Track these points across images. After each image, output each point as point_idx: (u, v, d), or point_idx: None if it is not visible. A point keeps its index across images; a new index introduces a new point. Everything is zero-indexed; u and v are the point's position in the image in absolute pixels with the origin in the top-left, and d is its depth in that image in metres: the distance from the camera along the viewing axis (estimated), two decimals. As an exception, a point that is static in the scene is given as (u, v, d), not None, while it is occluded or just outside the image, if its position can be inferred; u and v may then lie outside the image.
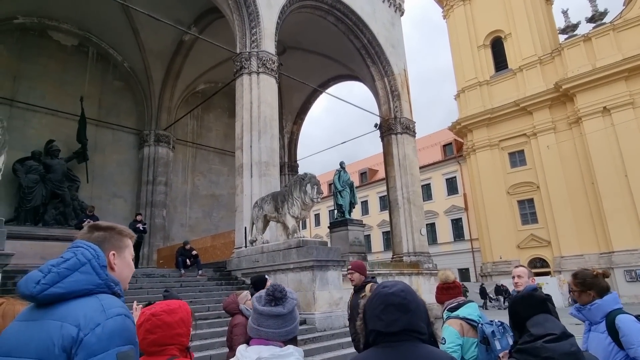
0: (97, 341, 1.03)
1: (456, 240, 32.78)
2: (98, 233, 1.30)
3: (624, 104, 23.76)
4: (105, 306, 1.11)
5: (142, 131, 18.22)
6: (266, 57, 12.31)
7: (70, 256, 1.17)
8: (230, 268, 10.19)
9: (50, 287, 1.10)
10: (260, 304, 1.47)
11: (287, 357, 1.33)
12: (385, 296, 1.33)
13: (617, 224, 23.12)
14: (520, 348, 1.52)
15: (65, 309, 1.09)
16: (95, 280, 1.15)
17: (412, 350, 1.27)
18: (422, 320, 1.34)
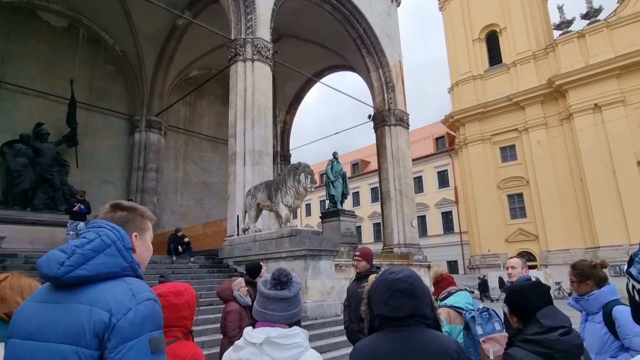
0: (129, 326, 1.01)
1: (446, 232, 33.14)
2: (121, 213, 1.25)
3: (614, 102, 24.04)
4: (135, 290, 1.08)
5: (134, 116, 17.96)
6: (261, 45, 12.16)
7: (94, 237, 1.12)
8: (222, 256, 10.17)
9: (76, 269, 1.05)
10: (266, 287, 1.49)
11: (294, 337, 1.36)
12: (392, 282, 1.35)
13: (603, 220, 23.57)
14: (529, 339, 1.54)
15: (93, 293, 1.05)
16: (121, 263, 1.12)
17: (419, 335, 1.30)
18: (427, 305, 1.36)
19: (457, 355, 1.27)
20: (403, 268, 1.43)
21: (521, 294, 1.71)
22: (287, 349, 1.35)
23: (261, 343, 1.35)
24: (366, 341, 1.35)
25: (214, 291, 6.65)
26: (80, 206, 10.24)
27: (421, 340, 1.28)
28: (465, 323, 2.40)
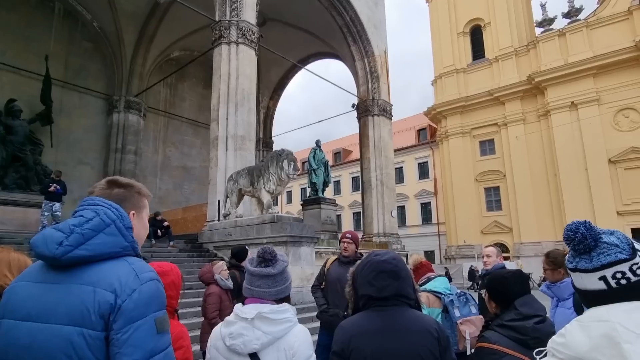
0: (134, 307, 1.00)
1: (424, 223, 33.78)
2: (118, 190, 1.21)
3: (590, 100, 24.79)
4: (138, 270, 1.06)
5: (112, 96, 17.43)
6: (246, 28, 11.94)
7: (92, 215, 1.08)
8: (202, 240, 10.11)
9: (75, 249, 1.02)
10: (252, 265, 1.54)
11: (284, 313, 1.42)
12: (377, 263, 1.40)
13: (574, 214, 24.44)
14: (506, 324, 1.62)
15: (95, 273, 1.03)
16: (122, 243, 1.09)
17: (402, 314, 1.36)
18: (410, 286, 1.42)
19: (437, 334, 1.35)
20: (387, 251, 1.48)
21: (503, 281, 1.78)
22: (277, 323, 1.40)
23: (253, 318, 1.39)
24: (351, 319, 1.41)
25: (193, 275, 6.64)
26: (56, 187, 9.95)
27: (404, 319, 1.35)
28: (444, 306, 2.51)
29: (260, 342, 1.36)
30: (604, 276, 0.90)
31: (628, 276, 0.88)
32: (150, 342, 1.00)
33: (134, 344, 0.97)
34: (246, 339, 1.37)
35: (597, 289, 0.91)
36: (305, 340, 1.42)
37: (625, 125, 23.96)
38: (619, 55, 24.01)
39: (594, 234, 0.94)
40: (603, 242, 0.93)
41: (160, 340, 1.03)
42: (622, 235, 0.95)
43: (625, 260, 0.89)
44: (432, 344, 1.32)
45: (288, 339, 1.39)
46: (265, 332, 1.38)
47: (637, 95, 23.65)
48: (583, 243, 0.94)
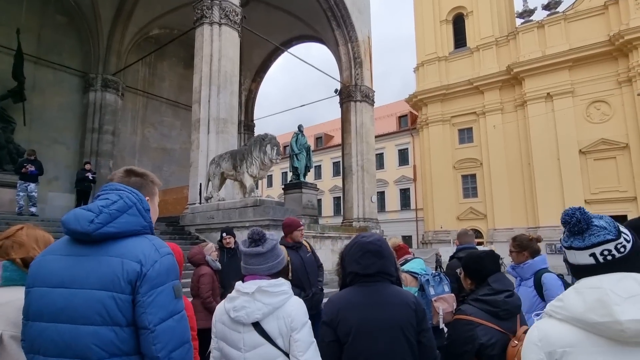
0: (157, 276, 1.19)
1: (403, 209, 34.46)
2: (135, 178, 1.41)
3: (565, 92, 25.56)
4: (157, 246, 1.25)
5: (88, 74, 16.87)
6: (229, 8, 11.72)
7: (117, 198, 1.26)
8: (184, 223, 10.11)
9: (104, 226, 1.19)
10: (244, 246, 1.70)
11: (281, 286, 1.61)
12: (363, 244, 1.57)
13: (545, 202, 25.50)
14: (480, 298, 1.83)
15: (121, 247, 1.20)
16: (142, 222, 1.28)
17: (384, 289, 1.55)
18: (392, 265, 1.59)
19: (414, 306, 1.54)
20: (373, 233, 1.66)
21: (479, 260, 1.99)
22: (275, 295, 1.57)
23: (253, 292, 1.56)
24: (340, 294, 1.58)
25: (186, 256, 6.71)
26: (30, 167, 9.70)
27: (386, 293, 1.53)
28: (420, 285, 2.71)
29: (261, 312, 1.54)
30: (594, 253, 1.08)
31: (613, 253, 1.06)
32: (170, 304, 1.20)
33: (158, 305, 1.17)
34: (249, 310, 1.54)
35: (587, 263, 1.09)
36: (300, 308, 1.60)
37: (597, 117, 24.89)
38: (593, 49, 24.74)
39: (587, 218, 1.12)
40: (594, 225, 1.11)
41: (177, 304, 1.23)
42: (610, 219, 1.14)
43: (611, 240, 1.07)
44: (410, 314, 1.51)
45: (286, 308, 1.56)
46: (266, 303, 1.55)
47: (609, 89, 24.54)
48: (577, 226, 1.11)
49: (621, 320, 0.94)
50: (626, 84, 23.84)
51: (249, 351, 1.53)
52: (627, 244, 1.07)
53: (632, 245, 1.07)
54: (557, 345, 1.04)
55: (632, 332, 0.93)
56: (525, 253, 2.82)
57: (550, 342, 1.05)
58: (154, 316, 1.15)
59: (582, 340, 1.01)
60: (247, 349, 1.54)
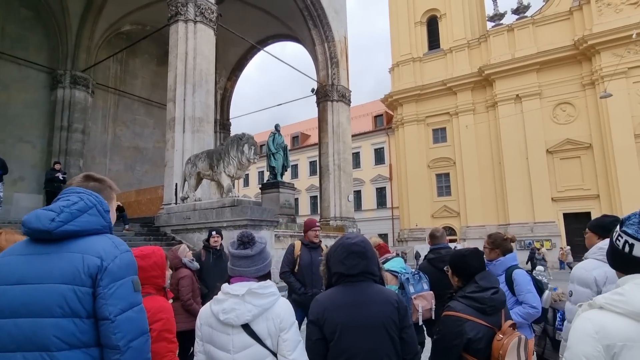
0: (117, 269, 1.26)
1: (379, 207, 34.90)
2: (94, 183, 1.47)
3: (533, 94, 26.55)
4: (116, 243, 1.33)
5: (56, 70, 16.24)
6: (205, 5, 11.56)
7: (77, 200, 1.32)
8: (159, 224, 9.92)
9: (65, 224, 1.25)
10: (233, 248, 1.72)
11: (270, 287, 1.64)
12: (348, 245, 1.63)
13: (514, 200, 26.42)
14: (468, 295, 1.93)
15: (81, 244, 1.27)
16: (102, 222, 1.35)
17: (368, 288, 1.61)
18: (375, 265, 1.65)
19: (396, 304, 1.61)
20: (357, 234, 1.72)
21: (463, 258, 2.08)
22: (265, 297, 1.60)
23: (243, 294, 1.58)
24: (325, 294, 1.63)
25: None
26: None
27: (369, 292, 1.59)
28: (401, 283, 2.80)
29: (251, 313, 1.56)
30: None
31: None
32: (130, 296, 1.27)
33: (118, 297, 1.24)
34: (239, 312, 1.57)
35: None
36: (289, 309, 1.64)
37: (562, 118, 25.98)
38: (559, 52, 25.80)
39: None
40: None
41: (137, 297, 1.31)
42: None
43: None
44: (392, 312, 1.58)
45: (275, 309, 1.60)
46: (255, 305, 1.58)
47: (573, 91, 25.65)
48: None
49: None
50: (590, 87, 24.99)
51: (238, 352, 1.55)
52: None
53: None
54: (617, 338, 1.01)
55: None
56: (498, 251, 2.96)
57: (609, 335, 1.02)
58: (114, 307, 1.21)
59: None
60: (236, 351, 1.55)
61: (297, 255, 4.11)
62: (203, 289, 4.21)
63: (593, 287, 2.26)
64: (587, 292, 2.26)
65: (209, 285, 4.32)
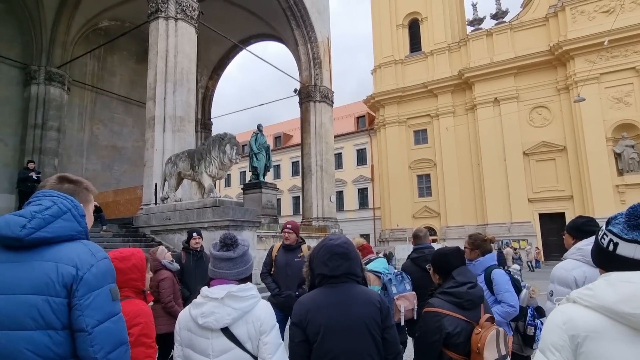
0: (94, 279, 1.20)
1: (361, 208, 35.10)
2: (68, 185, 1.39)
3: (510, 97, 27.21)
4: (93, 250, 1.26)
5: (30, 66, 15.70)
6: (186, 3, 11.39)
7: (51, 204, 1.24)
8: (138, 225, 9.71)
9: (37, 231, 1.18)
10: (215, 249, 1.69)
11: (250, 290, 1.62)
12: (331, 247, 1.63)
13: (492, 201, 27.01)
14: (446, 291, 1.97)
15: (55, 252, 1.19)
16: (77, 228, 1.27)
17: (351, 289, 1.62)
18: (358, 266, 1.66)
19: (379, 304, 1.62)
20: (340, 235, 1.72)
21: (445, 257, 2.13)
22: (245, 299, 1.58)
23: (223, 297, 1.56)
24: (308, 295, 1.63)
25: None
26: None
27: (352, 293, 1.60)
28: (383, 284, 2.82)
29: (231, 317, 1.54)
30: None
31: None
32: (107, 306, 1.22)
33: (95, 308, 1.18)
34: (218, 316, 1.54)
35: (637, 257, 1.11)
36: (269, 312, 1.63)
37: (538, 121, 26.73)
38: (536, 57, 26.54)
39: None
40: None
41: (115, 306, 1.25)
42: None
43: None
44: (375, 313, 1.59)
45: (255, 312, 1.58)
46: (235, 308, 1.56)
47: (549, 95, 26.43)
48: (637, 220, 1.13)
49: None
50: (564, 91, 25.79)
51: (218, 356, 1.53)
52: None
53: None
54: (581, 329, 1.08)
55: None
56: (478, 251, 3.04)
57: (574, 326, 1.09)
58: (91, 318, 1.16)
59: (607, 328, 1.06)
60: (215, 355, 1.53)
61: (274, 257, 4.10)
62: (185, 291, 4.14)
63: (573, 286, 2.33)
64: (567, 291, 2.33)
65: (190, 287, 4.25)
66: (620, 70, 24.01)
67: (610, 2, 24.47)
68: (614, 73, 24.12)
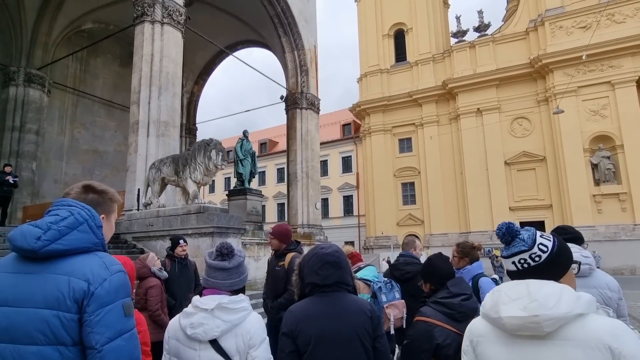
0: (106, 294, 1.16)
1: (346, 215, 35.15)
2: (93, 195, 1.38)
3: (492, 108, 27.82)
4: (107, 263, 1.22)
5: (8, 67, 15.30)
6: (173, 7, 11.31)
7: (67, 215, 1.22)
8: (120, 231, 9.48)
9: (52, 243, 1.16)
10: (210, 258, 1.66)
11: (241, 302, 1.58)
12: (322, 256, 1.61)
13: (475, 209, 27.43)
14: (439, 301, 1.96)
15: (69, 265, 1.17)
16: (93, 240, 1.24)
17: (342, 298, 1.60)
18: (349, 275, 1.65)
19: (370, 313, 1.61)
20: (331, 244, 1.71)
21: (429, 262, 2.15)
22: (235, 312, 1.54)
23: (213, 308, 1.52)
24: (299, 305, 1.61)
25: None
26: None
27: (343, 302, 1.59)
28: (373, 292, 2.82)
29: (220, 329, 1.50)
30: (514, 261, 1.25)
31: (528, 262, 1.22)
32: (119, 323, 1.17)
33: (105, 324, 1.14)
34: (207, 328, 1.50)
35: (511, 269, 1.27)
36: (259, 325, 1.59)
37: (519, 132, 27.37)
38: (516, 70, 27.26)
39: (512, 231, 1.27)
40: (518, 237, 1.26)
41: (127, 323, 1.21)
42: (532, 232, 1.27)
43: (525, 251, 1.23)
44: (366, 322, 1.58)
45: (245, 325, 1.55)
46: (225, 320, 1.52)
47: (529, 107, 27.13)
48: (504, 238, 1.28)
49: (502, 316, 1.14)
50: (544, 103, 26.51)
51: None
52: (543, 254, 1.21)
53: (548, 255, 1.21)
54: (474, 335, 1.27)
55: (510, 325, 1.13)
56: (466, 259, 3.07)
57: (471, 332, 1.29)
58: (101, 336, 1.12)
59: (488, 332, 1.22)
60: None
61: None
62: (170, 300, 4.05)
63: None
64: None
65: (176, 296, 4.16)
66: (596, 84, 24.86)
67: (587, 18, 25.38)
68: (591, 87, 24.96)
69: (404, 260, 3.52)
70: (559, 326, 1.08)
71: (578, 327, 1.08)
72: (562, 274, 1.22)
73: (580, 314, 1.09)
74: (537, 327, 1.08)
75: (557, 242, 1.24)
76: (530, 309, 1.10)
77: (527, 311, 1.10)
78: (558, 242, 1.24)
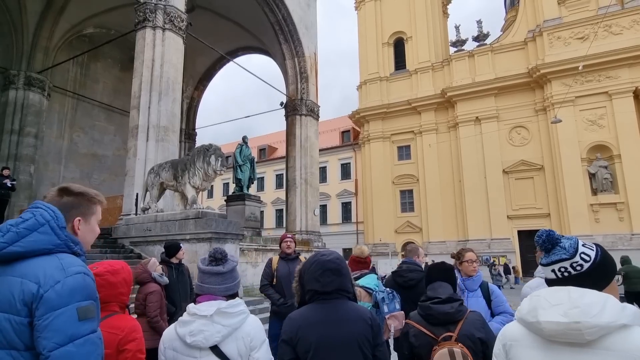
0: (57, 297, 1.11)
1: (344, 222, 35.10)
2: (67, 198, 1.32)
3: (491, 117, 27.95)
4: (65, 265, 1.17)
5: (8, 70, 15.33)
6: (174, 13, 11.38)
7: (29, 217, 1.20)
8: (117, 235, 9.45)
9: (10, 245, 1.14)
10: (204, 264, 1.66)
11: (239, 306, 1.59)
12: (323, 262, 1.61)
13: (473, 217, 27.44)
14: (418, 303, 2.03)
15: (25, 267, 1.14)
16: (54, 241, 1.20)
17: (342, 305, 1.60)
18: (349, 282, 1.65)
19: (370, 321, 1.60)
20: (331, 251, 1.71)
21: (428, 270, 2.19)
22: (234, 316, 1.55)
23: (212, 314, 1.52)
24: (299, 312, 1.60)
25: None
26: None
27: (344, 310, 1.58)
28: (375, 302, 2.81)
29: (220, 334, 1.50)
30: (553, 269, 1.24)
31: (569, 270, 1.21)
32: (70, 328, 1.11)
33: (54, 329, 1.09)
34: (207, 334, 1.50)
35: (551, 277, 1.26)
36: (259, 327, 1.60)
37: (517, 140, 27.49)
38: (515, 79, 27.45)
39: (553, 239, 1.26)
40: (559, 245, 1.26)
41: (82, 327, 1.13)
42: (575, 241, 1.26)
43: (566, 259, 1.22)
44: (366, 330, 1.57)
45: (244, 328, 1.55)
46: (225, 325, 1.52)
47: (528, 115, 27.28)
48: (544, 246, 1.27)
49: (540, 321, 1.13)
50: (542, 112, 26.66)
51: None
52: (585, 263, 1.20)
53: (591, 264, 1.20)
54: (507, 338, 1.27)
55: (549, 331, 1.12)
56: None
57: (504, 336, 1.29)
58: (48, 341, 1.08)
59: (524, 337, 1.21)
60: None
61: (274, 268, 4.14)
62: (170, 307, 4.01)
63: None
64: None
65: (175, 303, 4.13)
66: (594, 94, 25.04)
67: (585, 29, 25.63)
68: (589, 97, 25.12)
69: (406, 267, 3.52)
70: (600, 335, 1.06)
71: (621, 338, 1.06)
72: (605, 284, 1.20)
73: (625, 324, 1.06)
74: (578, 334, 1.07)
75: (601, 252, 1.23)
76: (571, 315, 1.08)
77: (568, 317, 1.08)
78: (601, 252, 1.23)
